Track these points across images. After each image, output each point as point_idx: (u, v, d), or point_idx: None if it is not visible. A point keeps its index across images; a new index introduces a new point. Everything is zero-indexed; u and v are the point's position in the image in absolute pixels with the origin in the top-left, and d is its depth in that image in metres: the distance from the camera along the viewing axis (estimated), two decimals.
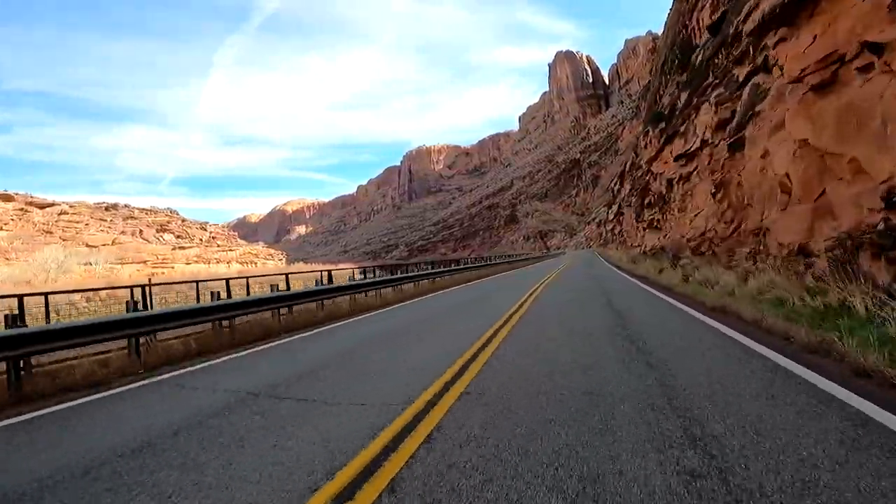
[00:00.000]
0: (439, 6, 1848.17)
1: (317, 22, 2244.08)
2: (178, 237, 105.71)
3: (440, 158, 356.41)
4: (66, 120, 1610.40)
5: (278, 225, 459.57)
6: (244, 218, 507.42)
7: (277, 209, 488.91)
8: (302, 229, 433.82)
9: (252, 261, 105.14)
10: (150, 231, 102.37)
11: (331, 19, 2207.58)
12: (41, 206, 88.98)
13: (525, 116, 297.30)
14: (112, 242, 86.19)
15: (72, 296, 28.20)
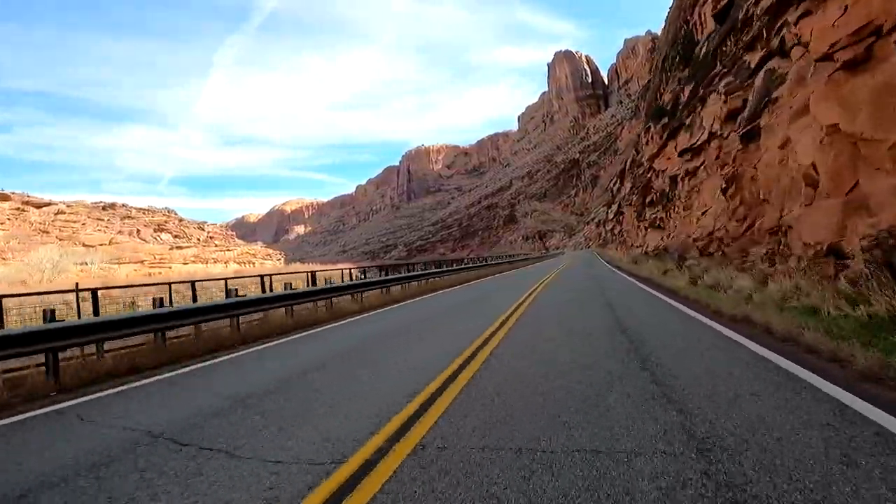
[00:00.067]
0: (439, 6, 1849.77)
1: (317, 22, 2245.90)
2: (176, 237, 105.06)
3: (439, 158, 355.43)
4: (66, 120, 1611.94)
5: (277, 225, 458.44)
6: (243, 218, 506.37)
7: (276, 209, 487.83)
8: (301, 229, 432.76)
9: (250, 261, 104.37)
10: (148, 231, 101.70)
11: (331, 19, 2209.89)
12: (38, 206, 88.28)
13: (524, 116, 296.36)
14: (109, 242, 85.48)
15: (65, 296, 27.31)
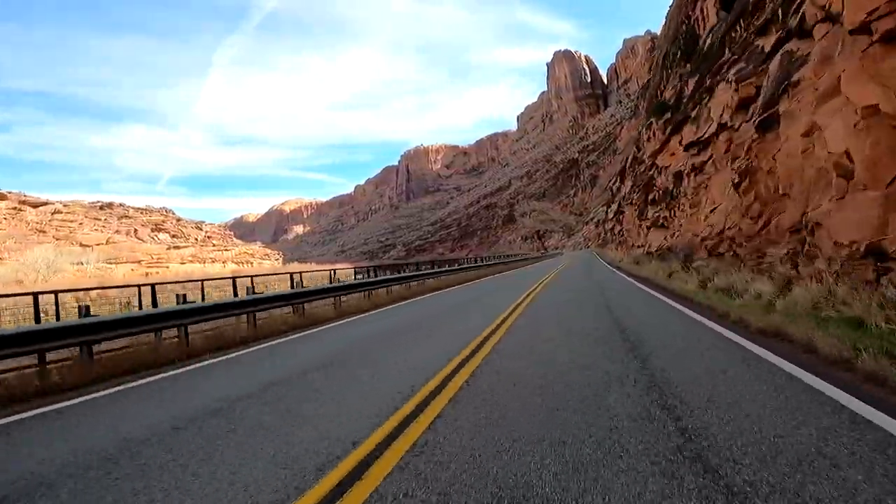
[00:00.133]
0: (439, 6, 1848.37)
1: (316, 21, 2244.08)
2: (174, 236, 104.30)
3: (438, 158, 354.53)
4: (66, 119, 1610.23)
5: (276, 225, 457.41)
6: (242, 218, 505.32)
7: (275, 209, 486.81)
8: (299, 229, 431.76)
9: (248, 261, 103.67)
10: (145, 230, 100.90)
11: (331, 19, 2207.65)
12: (34, 205, 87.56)
13: (523, 116, 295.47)
14: (106, 242, 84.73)
15: (62, 296, 26.27)
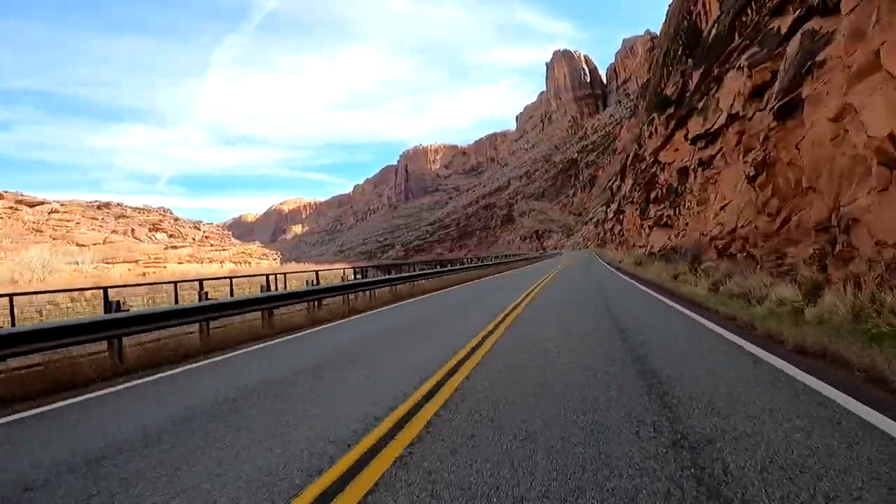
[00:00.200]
0: (439, 6, 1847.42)
1: (316, 22, 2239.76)
2: (171, 236, 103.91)
3: (437, 158, 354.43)
4: (66, 119, 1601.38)
5: (274, 224, 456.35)
6: (240, 217, 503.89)
7: (274, 209, 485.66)
8: (298, 229, 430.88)
9: (246, 260, 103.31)
10: (143, 230, 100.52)
11: (331, 20, 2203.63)
12: (31, 205, 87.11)
13: (522, 116, 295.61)
14: (103, 241, 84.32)
15: (54, 296, 26.06)
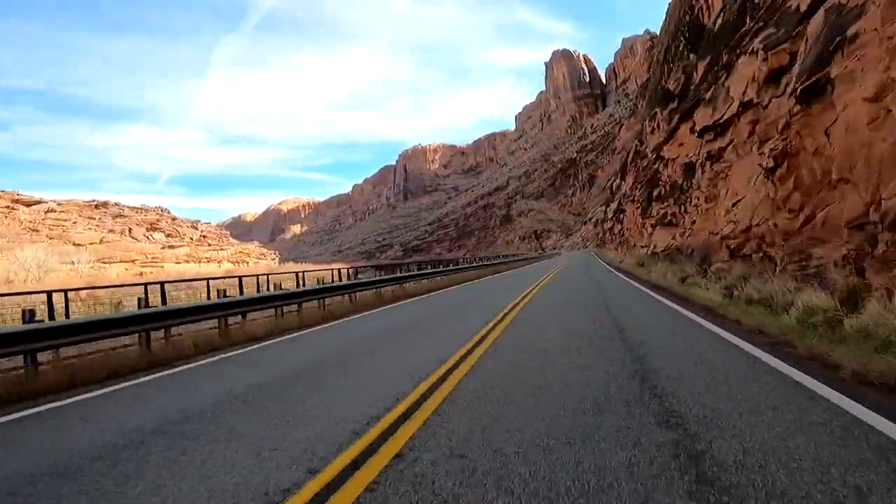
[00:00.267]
0: (439, 6, 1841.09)
1: (316, 22, 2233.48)
2: (169, 236, 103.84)
3: (436, 158, 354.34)
4: (65, 119, 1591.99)
5: (273, 224, 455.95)
6: (239, 217, 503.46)
7: (272, 208, 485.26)
8: (297, 228, 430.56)
9: (244, 260, 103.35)
10: (140, 230, 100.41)
11: (331, 20, 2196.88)
12: (28, 204, 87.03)
13: (521, 115, 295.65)
14: (100, 241, 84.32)
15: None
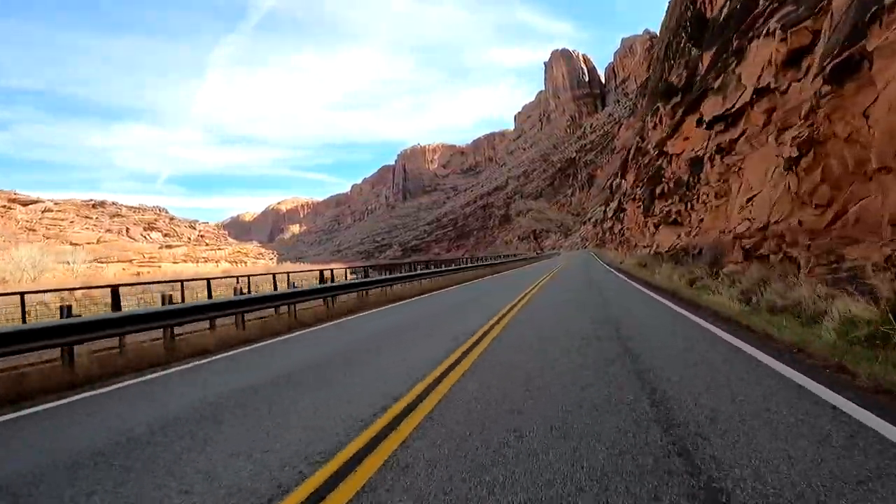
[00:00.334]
0: (439, 6, 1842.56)
1: (316, 22, 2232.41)
2: (166, 235, 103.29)
3: (435, 157, 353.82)
4: (65, 118, 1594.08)
5: (272, 224, 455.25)
6: (238, 217, 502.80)
7: (271, 208, 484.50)
8: (296, 228, 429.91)
9: (242, 260, 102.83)
10: (138, 229, 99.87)
11: (330, 19, 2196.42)
12: (24, 203, 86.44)
13: (520, 115, 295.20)
14: (97, 241, 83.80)
15: (42, 295, 25.73)
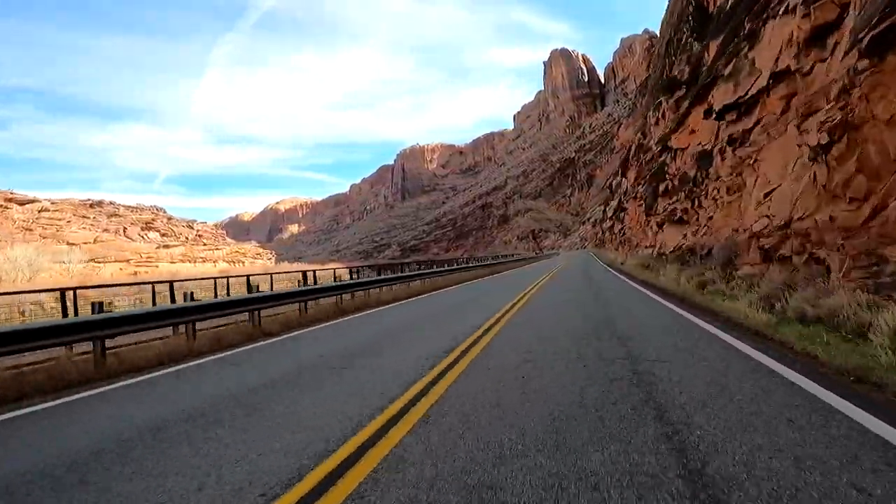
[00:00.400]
0: (439, 6, 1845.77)
1: (315, 21, 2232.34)
2: (164, 235, 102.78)
3: (434, 157, 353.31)
4: (65, 118, 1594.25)
5: (271, 224, 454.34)
6: (237, 217, 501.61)
7: (270, 208, 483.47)
8: (294, 228, 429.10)
9: (240, 260, 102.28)
10: (135, 229, 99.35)
11: (330, 19, 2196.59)
12: (21, 203, 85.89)
13: (520, 115, 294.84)
14: (94, 240, 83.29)
15: (38, 295, 25.35)
